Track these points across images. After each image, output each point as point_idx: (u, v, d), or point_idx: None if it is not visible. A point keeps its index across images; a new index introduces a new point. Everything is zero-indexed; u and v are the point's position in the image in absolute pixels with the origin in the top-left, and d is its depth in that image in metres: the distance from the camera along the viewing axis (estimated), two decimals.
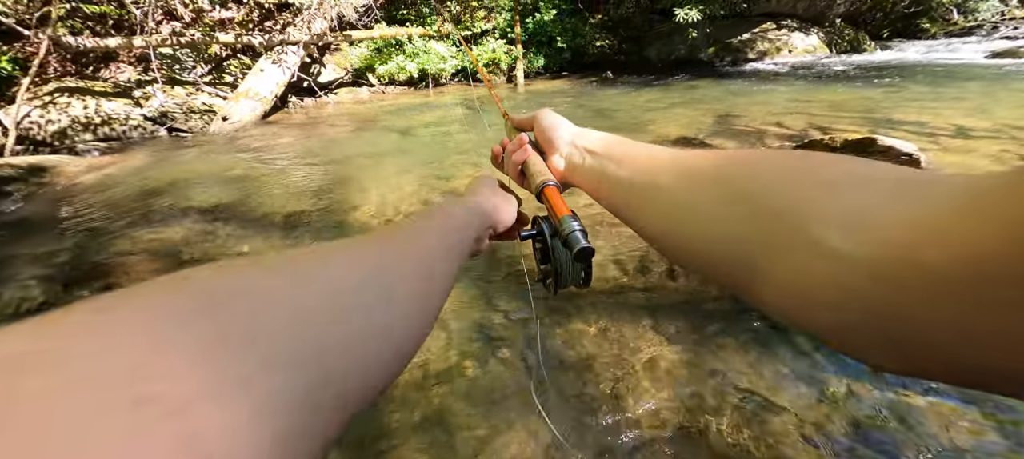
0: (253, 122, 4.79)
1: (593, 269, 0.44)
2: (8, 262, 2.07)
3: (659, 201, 0.32)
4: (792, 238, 0.21)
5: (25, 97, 4.06)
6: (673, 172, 0.31)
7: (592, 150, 0.43)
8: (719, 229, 0.26)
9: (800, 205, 0.21)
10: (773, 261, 0.22)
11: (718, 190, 0.27)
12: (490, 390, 1.23)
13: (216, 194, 2.73)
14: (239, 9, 5.90)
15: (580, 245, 0.39)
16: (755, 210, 0.24)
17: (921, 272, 0.16)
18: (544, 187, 0.46)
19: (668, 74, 6.91)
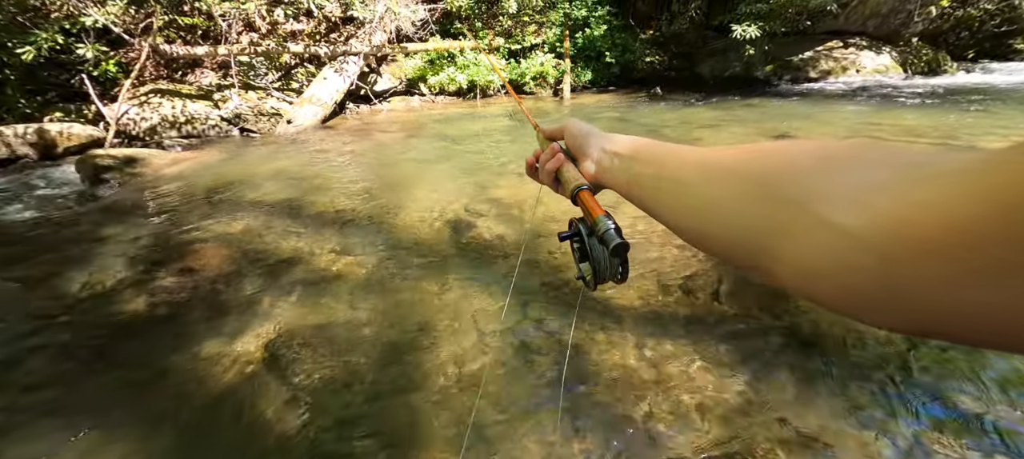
0: (314, 126, 5.14)
1: (629, 266, 0.46)
2: (101, 241, 2.35)
3: (683, 195, 0.34)
4: (802, 219, 0.23)
5: (125, 97, 4.61)
6: (694, 168, 0.34)
7: (620, 153, 0.46)
8: (737, 216, 0.28)
9: (809, 188, 0.23)
10: (786, 241, 0.23)
11: (735, 181, 0.29)
12: (517, 398, 1.24)
13: (277, 191, 2.95)
14: (309, 22, 6.38)
15: (615, 241, 0.41)
16: (768, 196, 0.25)
17: (919, 244, 0.17)
18: (578, 190, 0.49)
19: (720, 91, 6.68)
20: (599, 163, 0.49)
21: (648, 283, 1.72)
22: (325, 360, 1.42)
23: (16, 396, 1.34)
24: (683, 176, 0.35)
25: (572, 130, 0.54)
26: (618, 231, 0.43)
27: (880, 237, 0.19)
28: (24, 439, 1.19)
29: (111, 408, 1.29)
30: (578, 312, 1.57)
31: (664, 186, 0.37)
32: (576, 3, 7.44)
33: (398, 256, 2.04)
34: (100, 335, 1.60)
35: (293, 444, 1.15)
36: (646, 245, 1.98)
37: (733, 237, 0.28)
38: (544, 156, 0.56)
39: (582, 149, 0.52)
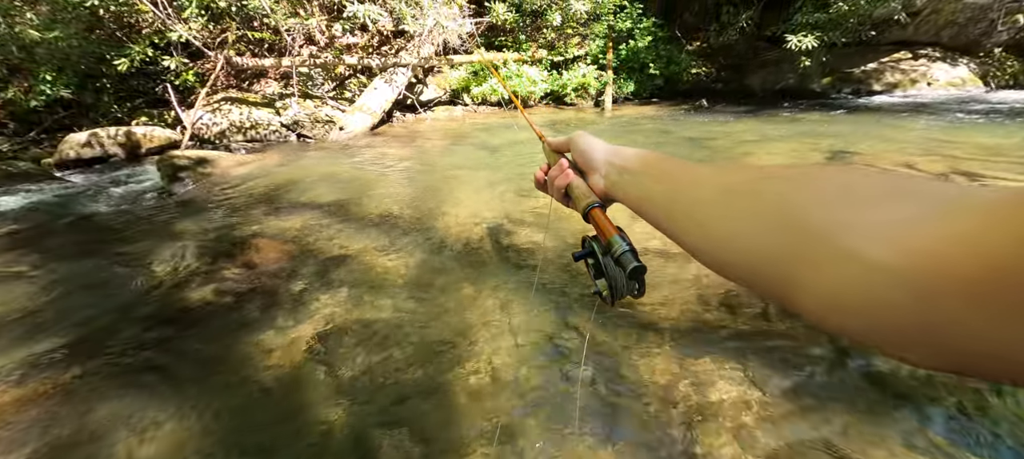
0: (363, 133, 5.41)
1: (646, 284, 0.46)
2: (177, 234, 2.59)
3: (697, 216, 0.33)
4: (829, 251, 0.22)
5: (201, 104, 5.07)
6: (711, 187, 0.33)
7: (630, 168, 0.45)
8: (757, 243, 0.27)
9: (836, 219, 0.22)
10: (811, 273, 0.23)
11: (755, 205, 0.28)
12: (547, 405, 1.25)
13: (328, 193, 3.13)
14: (363, 36, 6.77)
15: (632, 264, 0.41)
16: (792, 225, 0.25)
17: (952, 281, 0.17)
18: (590, 209, 0.48)
19: (771, 104, 6.40)
20: (608, 177, 0.48)
21: (687, 295, 1.68)
22: (368, 355, 1.50)
23: (105, 362, 1.51)
24: (700, 196, 0.34)
25: (579, 144, 0.53)
26: (634, 253, 0.42)
27: (913, 273, 0.18)
28: (109, 398, 1.34)
29: (181, 381, 1.42)
30: (612, 323, 1.56)
31: (678, 205, 0.36)
32: (621, 15, 7.41)
33: (439, 259, 2.11)
34: (174, 316, 1.77)
35: (335, 431, 1.22)
36: (682, 256, 1.93)
37: (753, 263, 0.27)
38: (553, 172, 0.55)
39: (590, 163, 0.51)
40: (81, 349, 1.58)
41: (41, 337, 1.65)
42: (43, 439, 1.23)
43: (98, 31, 5.54)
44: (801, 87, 7.09)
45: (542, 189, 0.59)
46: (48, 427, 1.26)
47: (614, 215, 0.49)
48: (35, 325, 1.74)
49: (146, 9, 4.90)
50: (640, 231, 1.87)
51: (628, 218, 0.47)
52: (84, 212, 3.14)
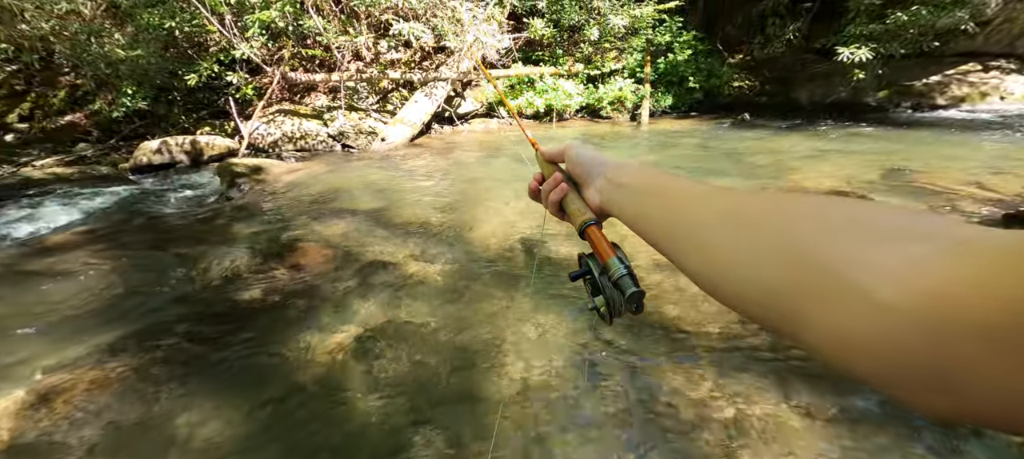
0: (403, 144, 5.63)
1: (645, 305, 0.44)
2: (233, 235, 2.79)
3: (699, 241, 0.32)
4: (840, 288, 0.21)
5: (258, 116, 5.46)
6: (715, 212, 0.32)
7: (627, 184, 0.43)
8: (763, 274, 0.26)
9: (845, 256, 0.22)
10: (819, 309, 0.22)
11: (762, 235, 0.27)
12: (579, 417, 1.25)
13: (369, 200, 3.27)
14: (406, 51, 7.07)
15: (630, 290, 0.39)
16: (800, 258, 0.24)
17: (965, 324, 0.17)
18: (586, 227, 0.46)
19: (820, 118, 6.10)
20: (603, 192, 0.46)
21: (731, 317, 1.63)
22: (404, 358, 1.55)
23: (167, 351, 1.65)
24: (703, 219, 0.32)
25: (573, 155, 0.51)
26: (632, 277, 0.40)
27: (924, 314, 0.18)
28: (170, 384, 1.46)
29: (232, 373, 1.53)
30: (646, 336, 1.54)
31: (679, 226, 0.34)
32: (660, 29, 7.34)
33: (472, 267, 2.16)
34: (227, 312, 1.91)
35: (371, 428, 1.27)
36: None
37: (757, 295, 0.27)
38: (547, 185, 0.53)
39: (585, 176, 0.49)
40: (147, 338, 1.74)
41: (115, 325, 1.83)
42: (117, 416, 1.36)
43: (172, 50, 6.11)
44: (854, 101, 6.72)
45: (536, 199, 0.57)
46: (120, 406, 1.40)
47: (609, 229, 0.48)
48: (110, 314, 1.92)
49: (214, 29, 5.36)
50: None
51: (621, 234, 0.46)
52: (153, 212, 3.44)
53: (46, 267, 2.39)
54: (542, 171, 0.57)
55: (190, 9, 5.23)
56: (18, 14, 5.65)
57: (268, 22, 5.52)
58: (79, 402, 1.41)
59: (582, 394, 1.33)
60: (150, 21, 5.37)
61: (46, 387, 1.47)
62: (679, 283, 1.85)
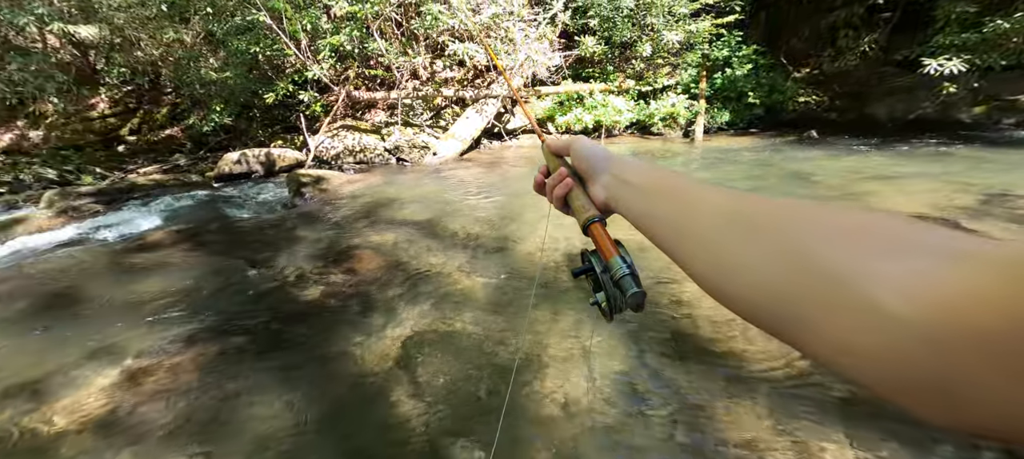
0: (453, 158, 5.83)
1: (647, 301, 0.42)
2: (296, 240, 3.02)
3: (706, 244, 0.32)
4: (847, 298, 0.22)
5: (324, 131, 5.90)
6: (723, 217, 0.31)
7: (633, 183, 0.42)
8: (770, 280, 0.26)
9: (857, 267, 0.22)
10: (825, 317, 0.23)
11: (770, 240, 0.27)
12: (622, 449, 1.21)
13: (420, 211, 3.41)
14: (460, 70, 7.37)
15: (631, 290, 0.39)
16: (809, 267, 0.24)
17: (969, 335, 0.17)
18: (590, 224, 0.46)
19: (901, 137, 5.55)
20: (609, 189, 0.46)
21: (794, 351, 1.51)
22: (448, 366, 1.59)
23: (236, 344, 1.80)
24: (712, 222, 0.32)
25: (579, 150, 0.51)
26: (634, 277, 0.40)
27: (930, 326, 0.18)
28: (238, 374, 1.60)
29: (291, 367, 1.64)
30: (698, 370, 1.46)
31: (686, 228, 0.34)
32: (717, 44, 7.09)
33: (517, 282, 2.17)
34: (289, 311, 2.06)
35: (413, 431, 1.31)
36: None
37: (762, 301, 0.27)
38: (552, 180, 0.53)
39: (590, 172, 0.49)
40: (219, 331, 1.91)
41: (193, 317, 2.03)
42: (190, 399, 1.50)
43: (255, 71, 6.80)
44: (943, 117, 6.05)
45: (540, 193, 0.57)
46: (194, 391, 1.54)
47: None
48: (189, 306, 2.14)
49: (291, 53, 5.91)
50: None
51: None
52: (231, 216, 3.81)
53: (143, 261, 2.72)
54: (548, 164, 0.57)
55: (272, 35, 5.82)
56: (136, 43, 6.56)
57: (337, 45, 6.00)
58: (161, 384, 1.58)
59: (626, 422, 1.29)
60: (239, 47, 6.03)
61: (136, 368, 1.66)
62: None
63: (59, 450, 1.33)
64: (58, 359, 1.74)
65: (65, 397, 1.53)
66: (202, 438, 1.35)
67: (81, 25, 5.94)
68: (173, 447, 1.32)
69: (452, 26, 5.91)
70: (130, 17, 5.91)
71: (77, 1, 6.00)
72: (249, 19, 5.77)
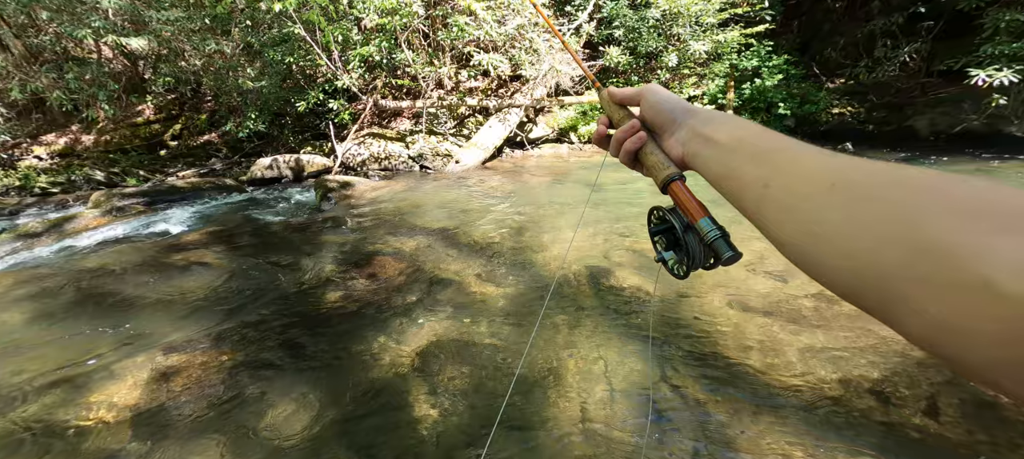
0: (475, 166, 5.88)
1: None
2: (322, 244, 3.10)
3: (800, 211, 0.29)
4: (956, 275, 0.20)
5: (351, 138, 6.07)
6: (820, 183, 0.29)
7: (716, 140, 0.39)
8: (870, 253, 0.24)
9: (970, 242, 0.21)
10: (928, 295, 0.21)
11: (874, 211, 0.25)
12: None
13: (441, 219, 3.45)
14: (484, 80, 7.47)
15: (727, 253, 0.37)
16: (916, 240, 0.23)
17: None
18: (671, 182, 0.43)
19: (943, 151, 5.27)
20: (688, 145, 0.42)
21: (826, 373, 1.44)
22: (464, 375, 1.58)
23: (259, 343, 1.86)
24: (804, 189, 0.30)
25: (653, 99, 0.46)
26: (726, 238, 0.38)
27: None
28: (260, 373, 1.64)
29: (311, 368, 1.67)
30: (734, 399, 1.41)
31: (775, 194, 0.32)
32: (746, 53, 6.94)
33: (535, 291, 2.16)
34: (312, 313, 2.10)
35: (427, 439, 1.31)
36: (816, 324, 1.67)
37: (858, 274, 0.25)
38: (622, 132, 0.48)
39: (666, 124, 0.45)
40: (247, 329, 1.97)
41: (222, 315, 2.11)
42: (218, 394, 1.55)
43: (288, 81, 7.08)
44: (990, 131, 5.70)
45: (600, 145, 0.53)
46: (221, 386, 1.60)
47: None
48: (219, 304, 2.23)
49: (322, 63, 6.13)
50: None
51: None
52: (261, 219, 3.95)
53: (179, 260, 2.84)
54: (610, 115, 0.52)
55: (306, 46, 6.05)
56: (181, 54, 6.95)
57: (367, 56, 6.18)
58: (191, 378, 1.64)
59: (646, 447, 1.25)
60: (274, 57, 6.30)
61: (168, 363, 1.73)
62: (765, 327, 1.68)
63: (96, 437, 1.39)
64: (98, 351, 1.83)
65: (103, 388, 1.61)
66: (227, 432, 1.39)
67: (132, 37, 6.34)
68: (200, 439, 1.36)
69: (477, 37, 6.00)
70: (177, 29, 6.28)
71: (130, 15, 6.42)
72: (285, 31, 6.03)
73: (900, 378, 1.39)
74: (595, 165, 5.78)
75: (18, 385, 1.64)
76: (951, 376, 1.36)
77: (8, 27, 7.09)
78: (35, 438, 1.41)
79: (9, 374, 1.71)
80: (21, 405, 1.54)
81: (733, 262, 0.38)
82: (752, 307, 1.84)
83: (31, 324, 2.12)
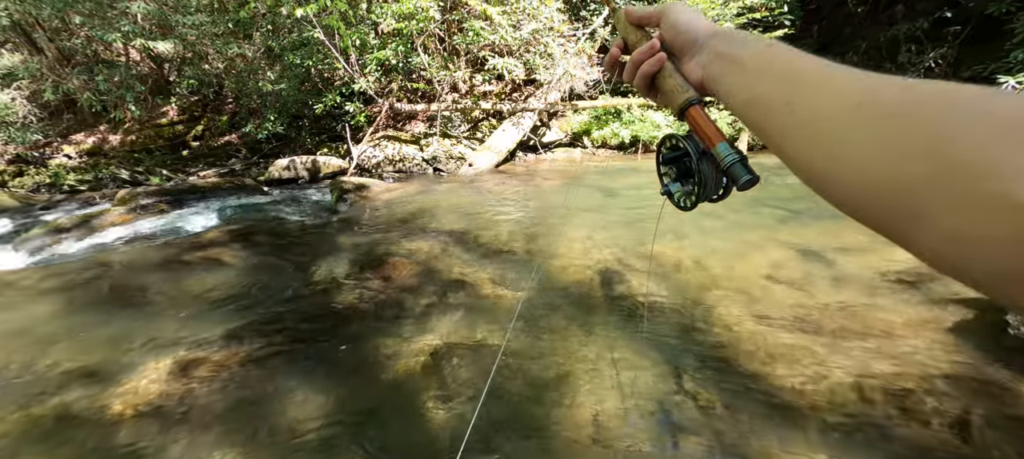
0: (489, 170, 5.90)
1: None
2: (337, 245, 3.14)
3: (822, 133, 0.29)
4: (976, 189, 0.20)
5: (367, 140, 6.16)
6: (846, 103, 0.28)
7: (745, 63, 0.36)
8: (890, 169, 0.24)
9: (989, 158, 0.20)
10: (944, 209, 0.22)
11: (898, 128, 0.25)
12: None
13: (455, 221, 3.47)
14: (498, 83, 7.50)
15: (744, 177, 0.37)
16: (942, 155, 0.22)
17: None
18: (689, 106, 0.41)
19: None
20: (709, 68, 0.40)
21: (848, 386, 1.40)
22: (475, 379, 1.58)
23: (274, 342, 1.89)
24: (831, 108, 0.29)
25: (675, 19, 0.43)
26: (744, 162, 0.37)
27: None
28: (274, 372, 1.66)
29: (325, 368, 1.69)
30: (750, 410, 1.38)
31: (799, 116, 0.30)
32: None
33: (548, 296, 2.15)
34: (326, 313, 2.13)
35: (438, 442, 1.31)
36: (834, 331, 1.62)
37: (875, 191, 0.25)
38: (640, 53, 0.45)
39: (687, 46, 0.42)
40: (262, 328, 2.01)
41: (239, 313, 2.15)
42: (234, 392, 1.58)
43: (306, 84, 7.22)
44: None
45: (612, 70, 0.50)
46: (237, 384, 1.62)
47: None
48: (236, 303, 2.27)
49: (340, 66, 6.24)
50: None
51: None
52: (277, 218, 4.03)
53: (199, 258, 2.91)
54: (625, 37, 0.49)
55: (324, 50, 6.17)
56: (204, 57, 7.14)
57: (384, 60, 6.27)
58: (208, 376, 1.68)
59: (660, 455, 1.23)
60: (293, 61, 6.44)
61: (185, 360, 1.77)
62: (783, 336, 1.65)
63: (116, 430, 1.43)
64: (120, 345, 1.88)
65: (126, 379, 1.65)
66: (243, 426, 1.41)
67: (159, 41, 6.55)
68: (215, 435, 1.39)
69: (492, 41, 6.04)
70: (201, 33, 6.46)
71: (158, 19, 6.64)
72: (305, 35, 6.16)
73: (928, 393, 1.34)
74: (609, 169, 5.75)
75: (48, 375, 1.70)
76: (983, 392, 1.31)
77: (43, 31, 7.40)
78: (63, 426, 1.45)
79: (40, 365, 1.77)
80: (51, 395, 1.59)
81: (750, 186, 0.37)
82: (770, 315, 1.80)
83: (60, 317, 2.19)
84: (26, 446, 1.39)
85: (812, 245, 2.42)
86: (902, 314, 1.73)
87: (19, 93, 7.24)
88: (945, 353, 1.49)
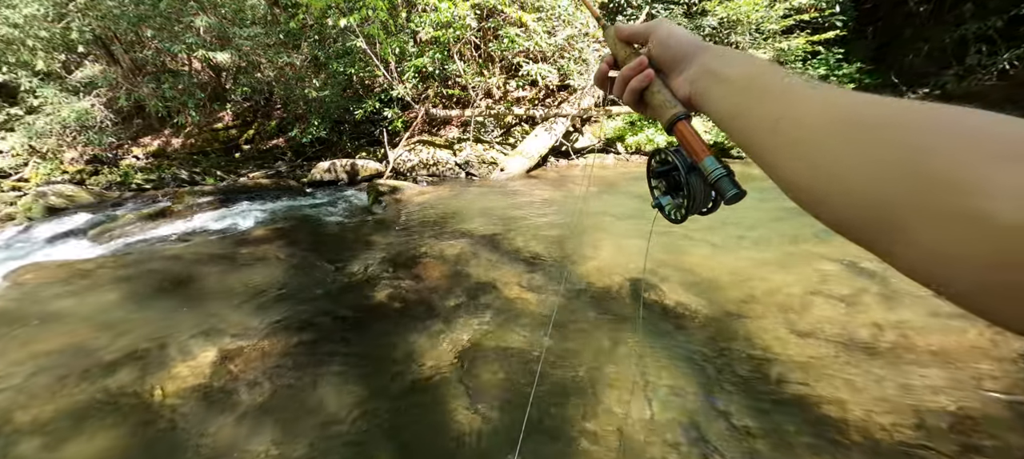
0: (520, 174, 5.93)
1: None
2: (371, 244, 3.25)
3: (805, 150, 0.29)
4: (952, 204, 0.21)
5: (403, 145, 6.35)
6: (828, 120, 0.28)
7: (731, 79, 0.37)
8: (872, 185, 0.25)
9: (969, 171, 0.21)
10: (924, 224, 0.22)
11: (879, 144, 0.25)
12: None
13: (485, 225, 3.51)
14: (531, 89, 7.54)
15: (731, 191, 0.38)
16: (917, 170, 0.23)
17: None
18: (677, 122, 0.42)
19: None
20: (696, 84, 0.40)
21: (896, 411, 1.30)
22: (502, 381, 1.60)
23: (310, 337, 1.98)
24: (812, 126, 0.29)
25: (663, 36, 0.44)
26: (730, 177, 0.38)
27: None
28: (309, 365, 1.75)
29: (357, 363, 1.76)
30: (790, 434, 1.32)
31: (783, 131, 0.31)
32: (812, 62, 6.51)
33: (577, 302, 2.14)
34: (359, 310, 2.21)
35: (464, 441, 1.33)
36: (892, 353, 1.51)
37: (858, 206, 0.25)
38: (628, 69, 0.46)
39: (675, 62, 0.43)
40: (301, 322, 2.11)
41: (279, 307, 2.27)
42: (273, 381, 1.67)
43: (348, 91, 7.55)
44: None
45: (602, 86, 0.51)
46: (276, 374, 1.72)
47: None
48: (277, 297, 2.40)
49: (380, 74, 6.48)
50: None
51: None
52: (318, 218, 4.23)
53: (246, 253, 3.10)
54: (615, 54, 0.49)
55: (365, 58, 6.44)
56: (257, 66, 7.63)
57: (421, 67, 6.47)
58: (250, 364, 1.78)
59: None
60: (337, 69, 6.76)
61: (230, 349, 1.89)
62: (825, 354, 1.56)
63: (163, 410, 1.55)
64: (172, 333, 2.04)
65: (176, 364, 1.79)
66: (279, 415, 1.49)
67: (218, 52, 7.07)
68: (252, 420, 1.47)
69: (527, 48, 6.09)
70: (256, 44, 6.91)
71: (218, 32, 7.16)
72: (348, 44, 6.45)
73: (985, 423, 1.22)
74: (643, 176, 5.62)
75: (106, 357, 1.86)
76: None
77: (119, 44, 8.16)
78: (116, 404, 1.59)
79: (101, 347, 1.94)
80: (108, 375, 1.75)
81: (737, 200, 0.38)
82: (813, 333, 1.71)
83: (121, 304, 2.40)
84: (89, 418, 1.53)
85: (861, 258, 2.27)
86: (962, 337, 1.59)
87: (97, 100, 8.01)
88: (1010, 382, 1.36)
